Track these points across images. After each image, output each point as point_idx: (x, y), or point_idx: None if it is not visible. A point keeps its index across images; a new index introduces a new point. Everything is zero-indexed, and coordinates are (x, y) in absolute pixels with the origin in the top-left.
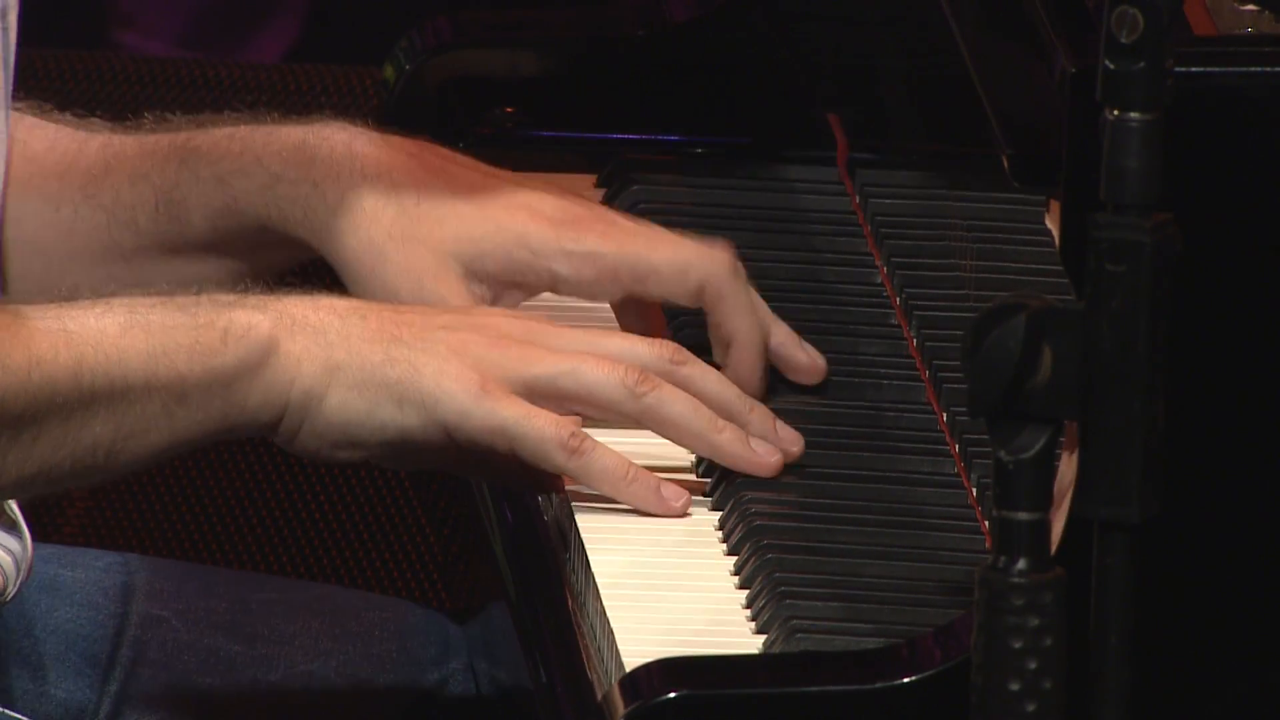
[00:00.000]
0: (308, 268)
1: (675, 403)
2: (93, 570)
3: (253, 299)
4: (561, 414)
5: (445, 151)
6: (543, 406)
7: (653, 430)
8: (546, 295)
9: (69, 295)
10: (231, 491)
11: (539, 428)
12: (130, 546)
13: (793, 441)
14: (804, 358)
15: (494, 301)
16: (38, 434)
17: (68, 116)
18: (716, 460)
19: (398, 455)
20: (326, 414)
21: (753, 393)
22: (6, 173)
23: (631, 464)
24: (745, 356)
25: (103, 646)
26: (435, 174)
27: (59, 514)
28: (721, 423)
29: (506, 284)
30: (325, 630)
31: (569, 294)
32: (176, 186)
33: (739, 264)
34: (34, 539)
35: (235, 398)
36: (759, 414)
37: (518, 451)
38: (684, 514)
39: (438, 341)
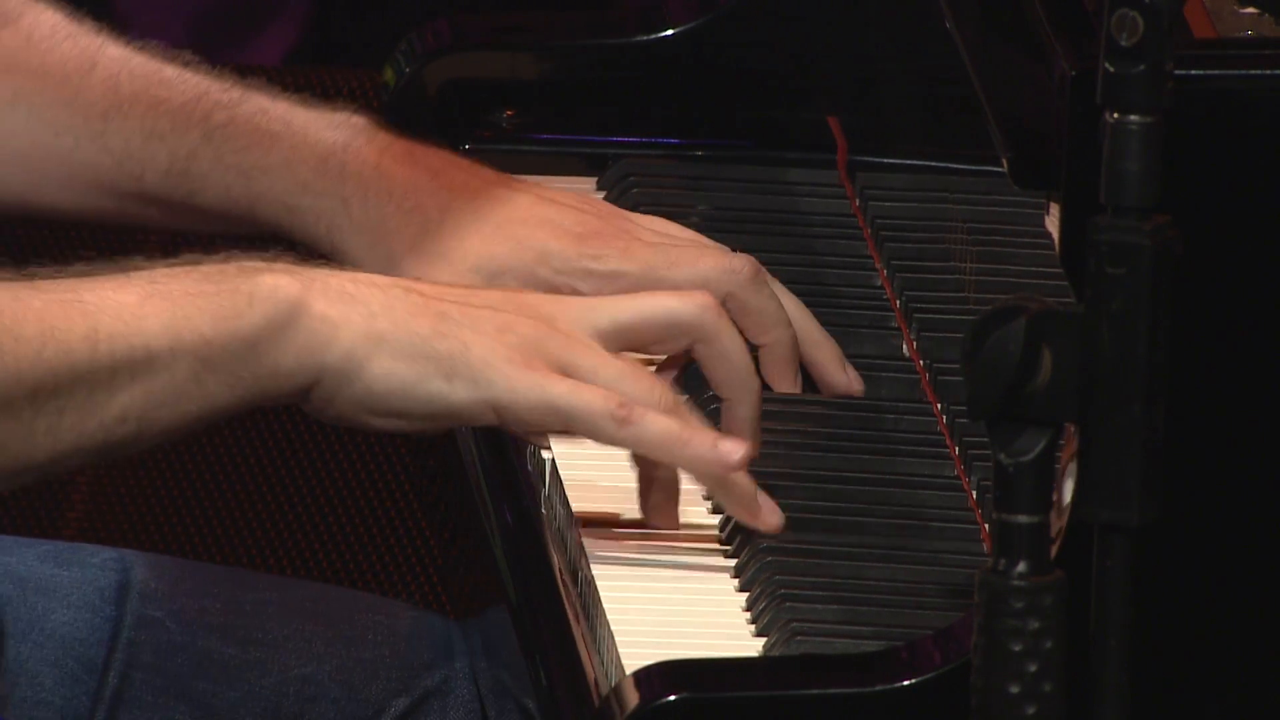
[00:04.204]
0: None
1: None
2: (89, 568)
3: (284, 265)
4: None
5: (468, 164)
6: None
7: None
8: None
9: (85, 270)
10: (229, 487)
11: (587, 401)
12: (127, 541)
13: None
14: (840, 379)
15: None
16: (62, 406)
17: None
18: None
19: (438, 426)
20: (369, 382)
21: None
22: None
23: (684, 425)
24: (774, 365)
25: (98, 651)
26: (458, 191)
27: (58, 510)
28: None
29: None
30: (319, 633)
31: None
32: (194, 160)
33: (761, 274)
34: (32, 535)
35: (265, 360)
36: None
37: (570, 427)
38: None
39: (484, 320)
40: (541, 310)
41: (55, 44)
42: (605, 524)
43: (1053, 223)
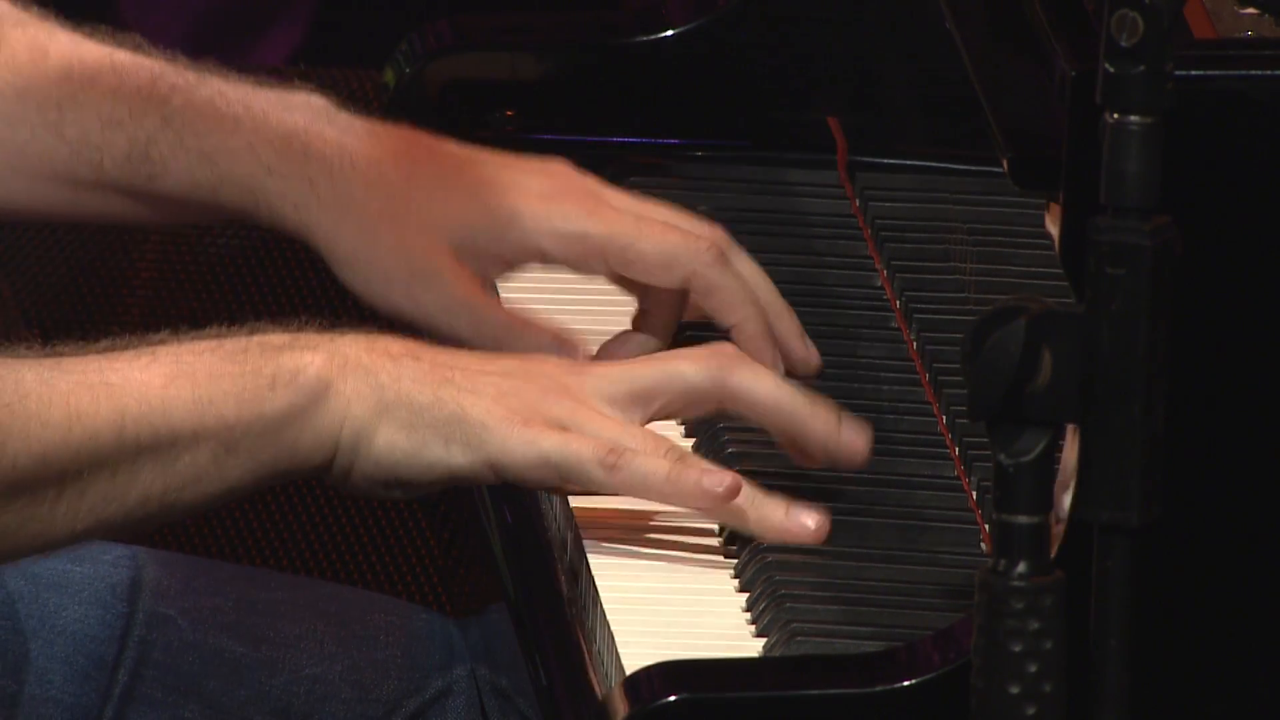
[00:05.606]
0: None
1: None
2: (101, 564)
3: (305, 339)
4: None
5: (431, 140)
6: None
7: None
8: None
9: (110, 346)
10: None
11: (576, 450)
12: (138, 539)
13: (858, 447)
14: (800, 351)
15: (481, 274)
16: (84, 488)
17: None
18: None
19: (442, 487)
20: (375, 455)
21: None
22: None
23: (672, 465)
24: (746, 344)
25: (109, 649)
26: (423, 161)
27: None
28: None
29: (495, 259)
30: (330, 633)
31: (558, 264)
32: (154, 144)
33: (731, 249)
34: None
35: (285, 442)
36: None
37: (563, 478)
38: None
39: (487, 384)
40: (555, 377)
41: (3, 33)
42: (605, 524)
43: (1053, 223)
